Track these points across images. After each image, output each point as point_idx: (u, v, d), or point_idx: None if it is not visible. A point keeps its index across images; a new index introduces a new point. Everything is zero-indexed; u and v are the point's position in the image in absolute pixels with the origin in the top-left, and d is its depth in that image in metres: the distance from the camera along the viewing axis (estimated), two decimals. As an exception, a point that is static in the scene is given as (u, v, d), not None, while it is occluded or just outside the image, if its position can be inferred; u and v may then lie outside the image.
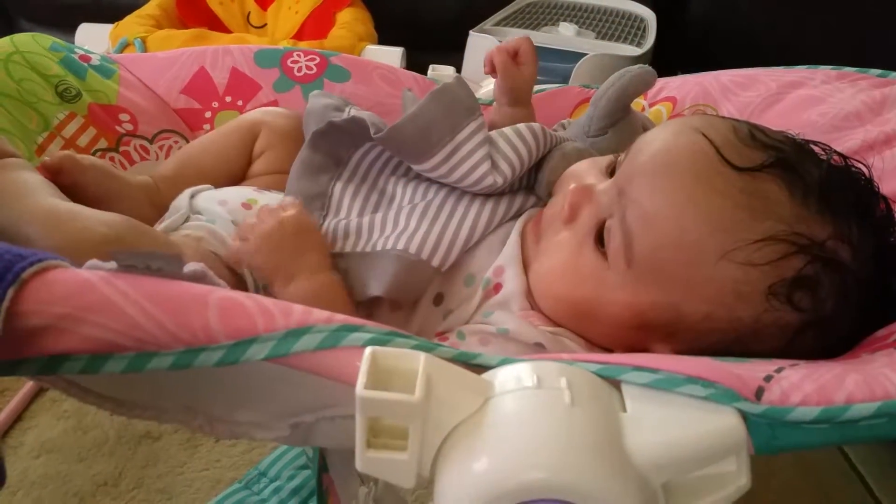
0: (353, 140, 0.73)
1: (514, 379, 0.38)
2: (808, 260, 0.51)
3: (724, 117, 0.59)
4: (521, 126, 0.68)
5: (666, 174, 0.55)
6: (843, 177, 0.56)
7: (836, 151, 0.57)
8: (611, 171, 0.62)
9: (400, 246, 0.63)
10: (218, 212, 0.71)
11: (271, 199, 0.73)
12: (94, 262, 0.41)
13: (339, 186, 0.72)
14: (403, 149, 0.68)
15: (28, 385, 1.19)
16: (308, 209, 0.69)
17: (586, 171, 0.63)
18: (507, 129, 0.68)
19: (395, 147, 0.69)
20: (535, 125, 0.69)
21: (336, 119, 0.73)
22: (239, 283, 0.66)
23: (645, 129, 0.70)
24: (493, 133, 0.68)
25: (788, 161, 0.54)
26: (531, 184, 0.70)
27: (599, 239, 0.58)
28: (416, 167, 0.68)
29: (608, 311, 0.57)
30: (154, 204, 0.75)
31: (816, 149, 0.58)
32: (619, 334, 0.57)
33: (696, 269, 0.53)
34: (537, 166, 0.69)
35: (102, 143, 0.83)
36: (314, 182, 0.72)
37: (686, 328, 0.54)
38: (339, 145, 0.74)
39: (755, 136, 0.56)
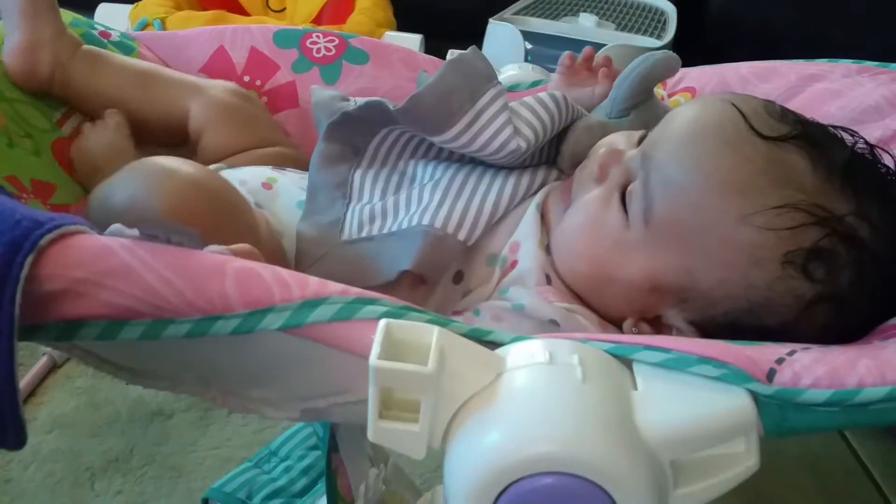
0: (368, 127, 0.73)
1: (526, 355, 0.39)
2: (826, 232, 0.51)
3: (756, 97, 0.59)
4: (542, 94, 0.68)
5: (692, 138, 0.56)
6: (867, 161, 0.57)
7: (863, 139, 0.58)
8: (640, 143, 0.62)
9: (425, 221, 0.63)
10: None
11: (291, 178, 0.73)
12: (117, 226, 0.42)
13: (359, 173, 0.72)
14: (424, 120, 0.66)
15: (42, 361, 1.20)
16: (330, 197, 0.69)
17: (619, 140, 0.64)
18: (528, 98, 0.68)
19: (415, 119, 0.67)
20: (557, 93, 0.69)
21: (348, 108, 0.73)
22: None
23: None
24: (514, 102, 0.67)
25: (815, 137, 0.55)
26: (551, 158, 0.70)
27: (624, 201, 0.59)
28: (437, 139, 0.67)
29: (624, 273, 0.58)
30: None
31: (845, 135, 0.58)
32: (632, 298, 0.58)
33: (713, 232, 0.53)
34: (559, 140, 0.69)
35: (121, 119, 0.83)
36: (334, 172, 0.72)
37: (700, 294, 0.55)
38: (354, 134, 0.73)
39: (786, 113, 0.57)
